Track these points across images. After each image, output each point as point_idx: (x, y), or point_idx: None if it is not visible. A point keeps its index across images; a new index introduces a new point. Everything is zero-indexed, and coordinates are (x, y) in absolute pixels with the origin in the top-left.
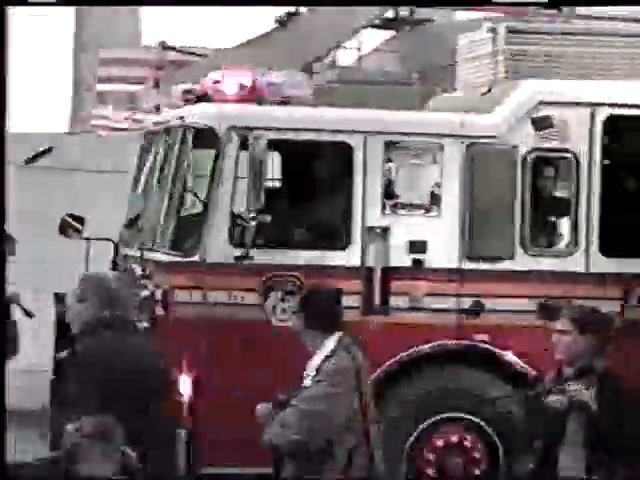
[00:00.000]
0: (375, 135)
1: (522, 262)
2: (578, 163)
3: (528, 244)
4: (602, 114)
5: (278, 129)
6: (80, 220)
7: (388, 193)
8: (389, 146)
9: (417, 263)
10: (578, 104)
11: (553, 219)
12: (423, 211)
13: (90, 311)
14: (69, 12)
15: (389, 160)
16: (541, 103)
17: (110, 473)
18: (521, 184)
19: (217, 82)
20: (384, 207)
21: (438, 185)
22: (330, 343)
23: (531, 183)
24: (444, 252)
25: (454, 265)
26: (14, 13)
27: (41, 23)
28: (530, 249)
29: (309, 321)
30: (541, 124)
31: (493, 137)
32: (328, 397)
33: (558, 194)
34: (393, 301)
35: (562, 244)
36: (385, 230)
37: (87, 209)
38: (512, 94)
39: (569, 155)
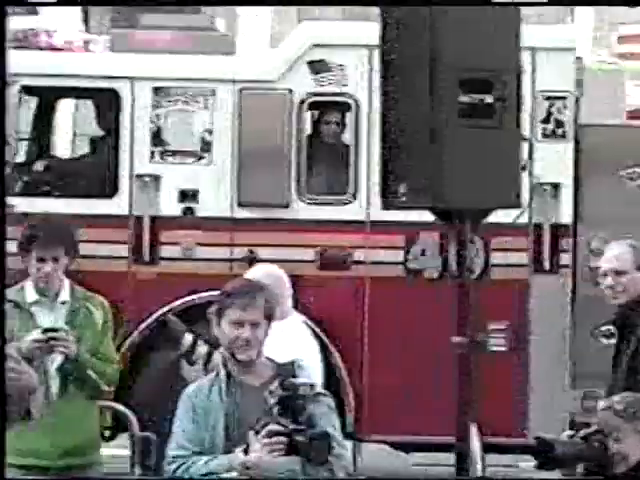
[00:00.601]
0: (143, 81)
1: (298, 210)
2: (358, 108)
3: (305, 192)
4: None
5: (38, 75)
6: None
7: (158, 140)
8: (158, 92)
9: (188, 212)
10: (355, 46)
11: (332, 166)
12: (194, 158)
13: None
14: None
15: (158, 106)
16: (316, 46)
17: None
18: (297, 130)
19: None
20: (153, 154)
21: (209, 131)
22: None
23: (308, 129)
24: (216, 200)
25: (226, 214)
26: None
27: None
28: (307, 197)
29: None
30: (317, 67)
31: (267, 81)
32: None
33: (338, 140)
34: (163, 251)
35: (341, 192)
36: (155, 178)
37: None
38: (287, 37)
39: (348, 99)
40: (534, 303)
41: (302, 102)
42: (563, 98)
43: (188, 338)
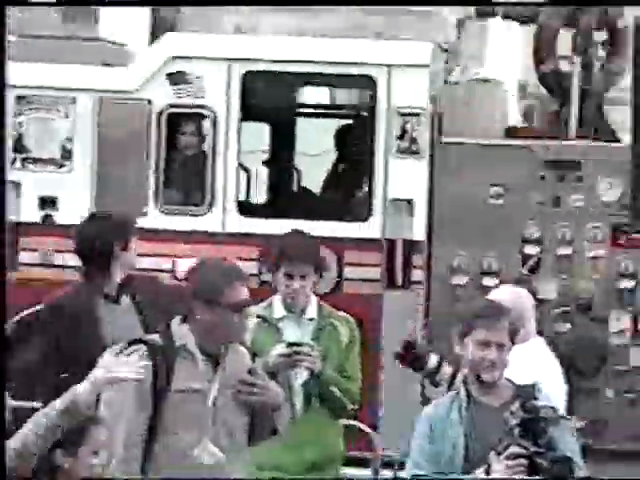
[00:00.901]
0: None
1: (155, 220)
2: (215, 120)
3: (161, 202)
4: (239, 70)
5: None
6: None
7: (19, 147)
8: (20, 99)
9: (47, 219)
10: (214, 59)
11: (190, 177)
12: (54, 166)
13: None
14: None
15: (20, 113)
16: (175, 57)
17: None
18: (156, 140)
19: None
20: (14, 161)
21: (70, 139)
22: None
23: (167, 139)
24: (75, 208)
25: None
26: None
27: None
28: (164, 206)
29: None
30: (175, 79)
31: (127, 92)
32: None
33: (196, 151)
34: (22, 257)
35: (198, 203)
36: (16, 185)
37: None
38: (149, 48)
39: (205, 111)
40: (386, 318)
41: (160, 113)
42: (417, 115)
43: (434, 359)
